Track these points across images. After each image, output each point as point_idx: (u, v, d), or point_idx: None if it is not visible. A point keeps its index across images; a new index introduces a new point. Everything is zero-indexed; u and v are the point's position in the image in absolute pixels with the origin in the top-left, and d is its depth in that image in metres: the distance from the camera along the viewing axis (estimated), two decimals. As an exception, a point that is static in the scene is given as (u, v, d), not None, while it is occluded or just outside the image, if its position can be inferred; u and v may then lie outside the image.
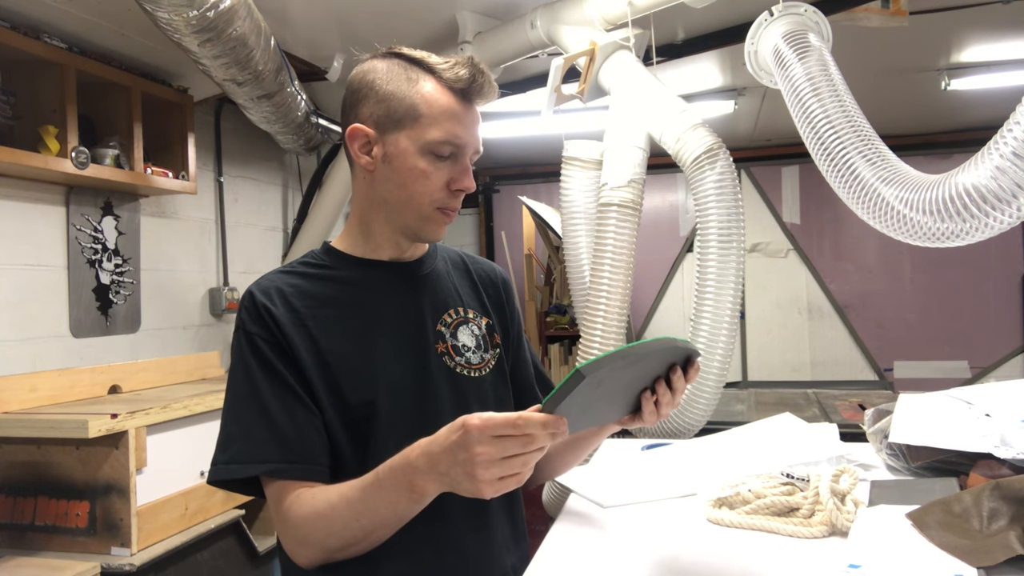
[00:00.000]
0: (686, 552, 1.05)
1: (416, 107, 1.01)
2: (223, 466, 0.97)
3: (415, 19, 2.45)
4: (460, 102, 1.03)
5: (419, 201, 1.04)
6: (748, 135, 4.18)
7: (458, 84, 1.02)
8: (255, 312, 1.01)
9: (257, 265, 3.40)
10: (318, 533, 0.93)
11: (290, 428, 0.96)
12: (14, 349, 2.24)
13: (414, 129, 1.02)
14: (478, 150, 1.06)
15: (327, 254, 1.10)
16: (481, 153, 1.08)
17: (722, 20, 2.41)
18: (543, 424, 0.79)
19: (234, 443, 0.97)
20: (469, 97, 1.04)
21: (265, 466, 0.96)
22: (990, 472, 1.17)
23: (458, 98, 1.03)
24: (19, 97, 2.18)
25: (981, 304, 4.27)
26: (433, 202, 1.04)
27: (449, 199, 1.05)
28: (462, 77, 1.02)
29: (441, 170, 1.03)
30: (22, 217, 2.29)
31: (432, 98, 1.02)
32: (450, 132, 1.01)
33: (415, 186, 1.03)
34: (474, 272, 1.20)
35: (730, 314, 1.85)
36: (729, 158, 1.84)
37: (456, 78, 1.02)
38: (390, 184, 1.04)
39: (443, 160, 1.03)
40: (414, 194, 1.03)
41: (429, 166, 1.02)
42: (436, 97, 1.02)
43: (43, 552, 1.91)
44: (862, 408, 2.30)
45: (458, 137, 1.02)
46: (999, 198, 1.25)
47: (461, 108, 1.03)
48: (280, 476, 0.96)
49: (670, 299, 4.67)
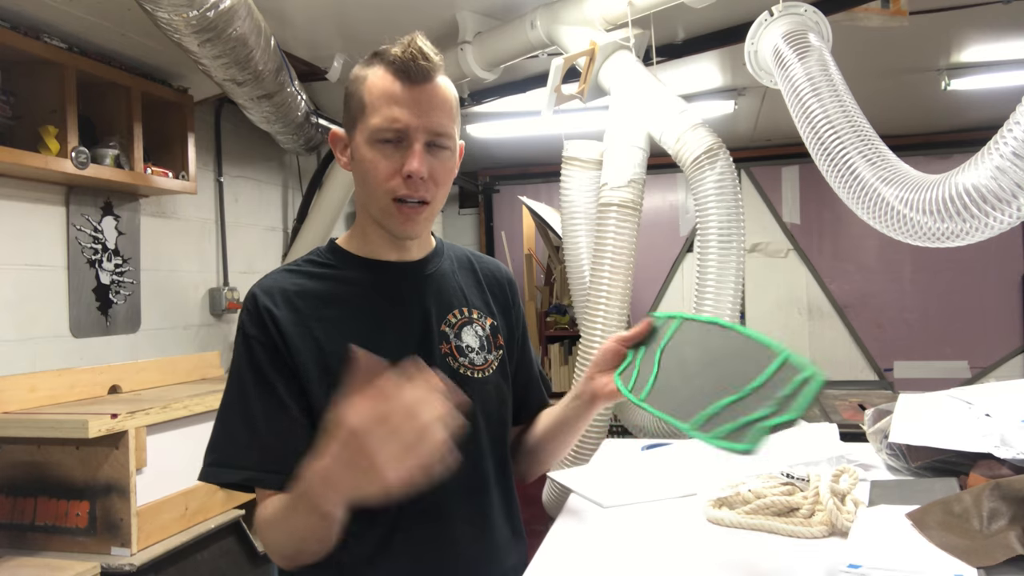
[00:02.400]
0: (686, 552, 1.05)
1: (362, 98, 1.00)
2: (207, 468, 0.99)
3: (415, 19, 2.45)
4: (401, 83, 0.98)
5: (374, 193, 1.01)
6: (748, 135, 4.18)
7: (394, 64, 0.98)
8: (256, 314, 1.00)
9: (257, 265, 3.40)
10: (271, 539, 0.95)
11: (271, 438, 0.96)
12: (14, 349, 2.24)
13: (363, 120, 1.00)
14: (435, 131, 1.00)
15: (332, 253, 1.10)
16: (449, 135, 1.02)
17: (722, 20, 2.41)
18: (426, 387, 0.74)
19: (219, 447, 0.99)
20: (409, 76, 0.98)
21: (244, 473, 0.97)
22: (990, 472, 1.17)
23: (398, 79, 0.98)
24: (19, 97, 2.18)
25: (981, 304, 4.27)
26: (387, 193, 1.00)
27: (403, 187, 0.99)
28: (396, 56, 0.98)
29: (389, 158, 0.99)
30: (22, 217, 2.29)
31: (373, 85, 0.99)
32: (387, 116, 0.98)
33: (368, 179, 1.01)
34: (480, 272, 1.19)
35: (730, 314, 1.85)
36: (729, 158, 1.84)
37: (392, 58, 0.99)
38: (358, 180, 1.04)
39: (389, 146, 0.99)
40: (369, 187, 1.01)
41: (376, 155, 0.99)
42: (375, 83, 0.99)
43: (43, 552, 1.91)
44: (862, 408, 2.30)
45: (396, 120, 0.97)
46: (999, 198, 1.25)
47: (401, 89, 0.98)
48: (258, 485, 0.97)
49: (670, 299, 4.67)
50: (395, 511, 1.00)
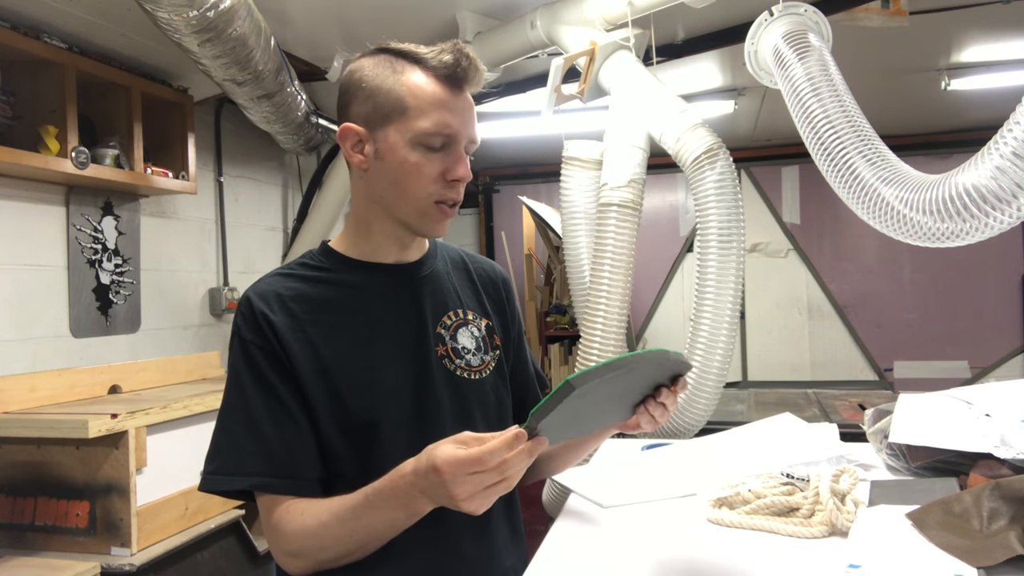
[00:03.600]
0: (686, 552, 1.05)
1: (403, 99, 0.99)
2: (210, 476, 0.97)
3: (415, 19, 2.45)
4: (448, 89, 0.99)
5: (415, 196, 1.01)
6: (748, 135, 4.18)
7: (443, 70, 0.99)
8: (252, 319, 0.99)
9: (257, 265, 3.40)
10: (309, 548, 0.93)
11: (277, 442, 0.96)
12: (14, 349, 2.24)
13: (403, 122, 0.99)
14: (473, 139, 1.03)
15: (325, 255, 1.09)
16: (478, 143, 1.05)
17: (722, 20, 2.41)
18: (510, 446, 0.79)
19: (221, 454, 0.97)
20: (457, 83, 1.00)
21: (250, 480, 0.96)
22: (990, 472, 1.17)
23: (445, 85, 0.99)
24: (19, 97, 2.18)
25: (981, 304, 4.27)
26: (429, 195, 1.01)
27: (446, 190, 1.01)
28: (447, 63, 0.99)
29: (434, 161, 1.00)
30: (22, 217, 2.29)
31: (418, 88, 0.99)
32: (439, 121, 0.98)
33: (409, 181, 1.00)
34: (474, 272, 1.19)
35: (730, 314, 1.85)
36: (729, 158, 1.84)
37: (440, 64, 0.99)
38: (384, 181, 1.02)
39: (435, 151, 1.00)
40: (409, 189, 1.01)
41: (421, 158, 0.99)
42: (422, 87, 0.99)
43: (43, 552, 1.91)
44: (862, 408, 2.30)
45: (448, 126, 0.99)
46: (999, 198, 1.25)
47: (449, 95, 0.99)
48: (266, 490, 0.96)
49: (670, 299, 4.67)
50: None
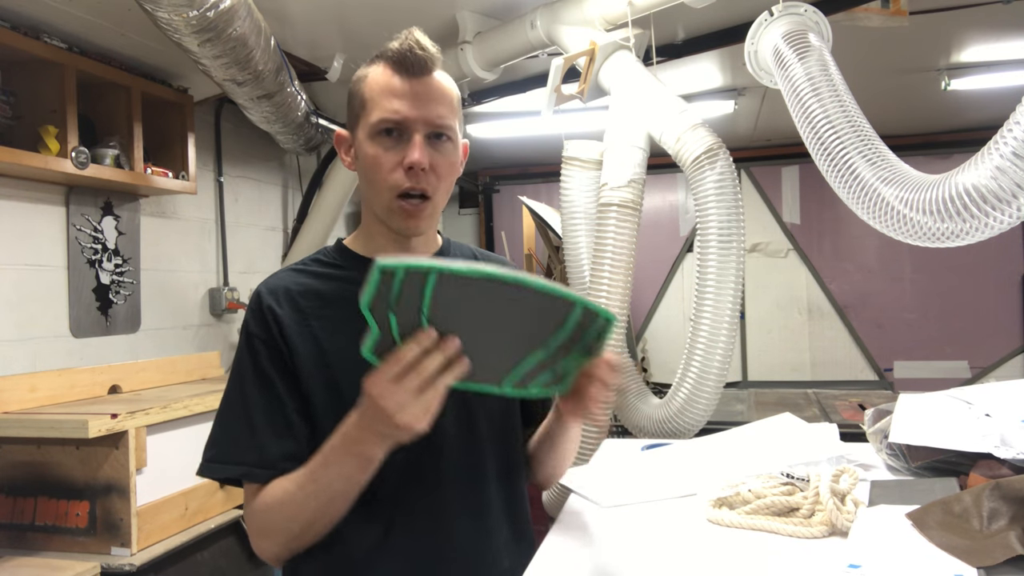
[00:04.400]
0: (686, 552, 1.05)
1: (363, 95, 1.01)
2: (206, 463, 1.00)
3: (415, 19, 2.42)
4: (399, 76, 0.99)
5: (378, 190, 1.01)
6: (748, 135, 4.18)
7: (393, 59, 1.00)
8: (259, 314, 1.02)
9: (257, 265, 3.40)
10: (278, 520, 0.95)
11: (269, 434, 0.97)
12: (14, 349, 2.24)
13: (364, 117, 1.01)
14: (432, 123, 1.00)
15: (339, 253, 1.11)
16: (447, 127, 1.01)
17: (722, 20, 2.41)
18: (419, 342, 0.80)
19: (218, 443, 1.01)
20: (407, 69, 0.99)
21: (238, 468, 0.98)
22: (990, 472, 1.17)
23: (397, 73, 0.99)
24: (19, 97, 2.18)
25: (981, 304, 4.27)
26: (390, 188, 1.00)
27: (405, 180, 0.99)
28: (395, 50, 0.99)
29: (390, 151, 0.99)
30: (22, 217, 2.29)
31: (372, 80, 1.01)
32: (387, 108, 0.98)
33: (372, 175, 1.01)
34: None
35: (730, 314, 1.85)
36: (729, 158, 1.84)
37: (391, 53, 1.00)
38: (362, 179, 1.05)
39: (390, 139, 0.99)
40: (373, 183, 1.02)
41: (378, 149, 0.99)
42: (375, 78, 1.01)
43: (43, 552, 1.91)
44: (862, 408, 2.30)
45: (396, 112, 0.98)
46: (999, 198, 1.25)
47: (399, 82, 0.99)
48: (251, 480, 0.99)
49: (670, 299, 4.67)
50: (393, 507, 1.00)
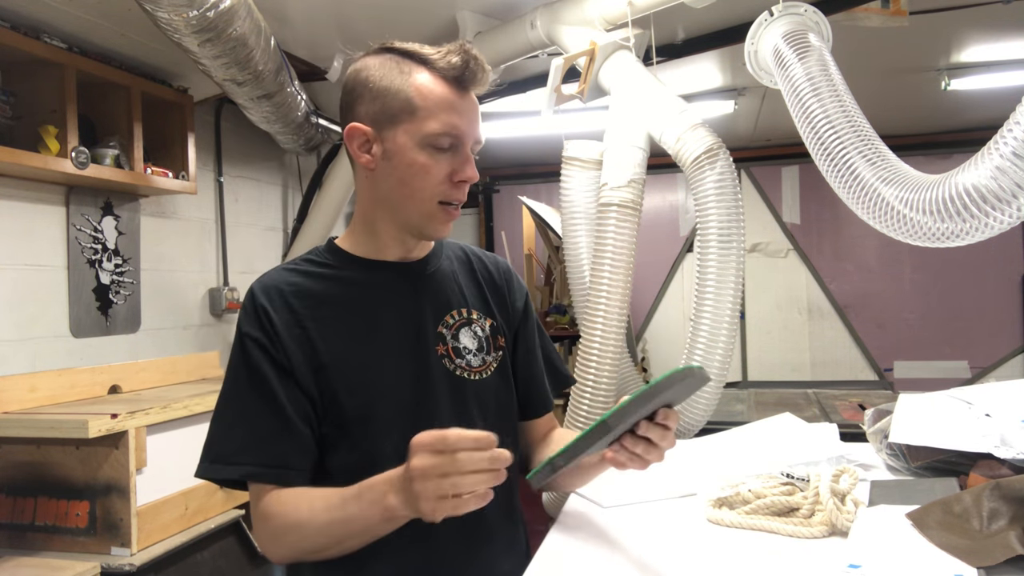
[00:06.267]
0: (686, 552, 1.05)
1: (411, 100, 1.00)
2: (205, 465, 1.00)
3: (415, 19, 2.44)
4: (455, 91, 1.01)
5: (421, 196, 1.02)
6: (748, 135, 4.18)
7: (451, 72, 1.00)
8: (253, 313, 1.01)
9: (257, 265, 3.40)
10: (292, 537, 0.95)
11: (267, 433, 0.97)
12: (14, 349, 2.24)
13: (411, 123, 1.00)
14: (479, 139, 1.04)
15: (331, 252, 1.10)
16: (482, 143, 1.06)
17: (722, 20, 2.41)
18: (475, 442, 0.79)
19: (216, 444, 1.00)
20: (464, 85, 1.01)
21: (240, 469, 0.98)
22: (990, 472, 1.17)
23: (453, 87, 1.01)
24: (19, 97, 2.18)
25: (981, 304, 4.27)
26: (435, 196, 1.02)
27: (452, 191, 1.02)
28: (455, 64, 1.00)
29: (441, 162, 1.01)
30: (22, 217, 2.29)
31: (426, 89, 1.00)
32: (447, 123, 0.99)
33: (416, 181, 1.01)
34: (478, 270, 1.18)
35: (730, 314, 1.84)
36: (729, 158, 1.84)
37: (449, 66, 1.00)
38: (391, 181, 1.03)
39: (443, 152, 1.01)
40: (416, 190, 1.02)
41: (429, 159, 1.00)
42: (430, 88, 1.00)
43: (43, 552, 1.91)
44: (862, 408, 2.30)
45: (456, 127, 1.00)
46: (999, 198, 1.25)
47: (457, 97, 1.01)
48: (255, 480, 0.98)
49: (670, 299, 4.67)
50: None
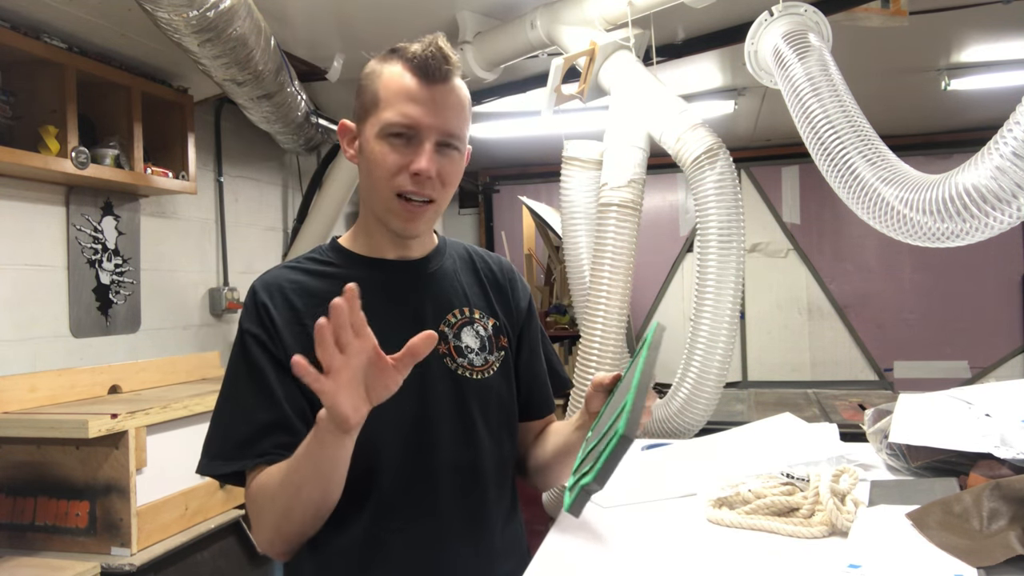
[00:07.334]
0: (686, 552, 1.05)
1: (377, 92, 1.01)
2: (206, 461, 1.01)
3: (415, 19, 2.44)
4: (419, 81, 0.99)
5: (379, 187, 1.02)
6: (748, 135, 4.18)
7: (413, 61, 0.99)
8: (254, 310, 1.02)
9: (257, 265, 3.39)
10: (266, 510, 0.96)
11: (265, 427, 0.98)
12: (14, 349, 2.24)
13: (376, 115, 1.01)
14: (447, 132, 1.01)
15: (333, 251, 1.10)
16: (462, 138, 1.04)
17: (722, 20, 2.41)
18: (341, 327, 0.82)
19: (216, 441, 1.01)
20: (427, 75, 0.99)
21: (239, 463, 0.98)
22: (990, 472, 1.17)
23: (417, 77, 0.99)
24: (19, 97, 2.18)
25: (981, 304, 4.27)
26: (391, 188, 1.01)
27: (407, 184, 1.00)
28: (416, 54, 0.99)
29: (397, 153, 1.00)
30: (22, 217, 2.29)
31: (389, 80, 1.00)
32: (402, 112, 0.99)
33: (375, 172, 1.01)
34: (481, 270, 1.18)
35: (730, 314, 1.84)
36: (729, 158, 1.84)
37: (411, 55, 0.99)
38: (363, 174, 1.05)
39: (399, 140, 1.00)
40: (375, 181, 1.02)
41: (385, 149, 1.00)
42: (393, 79, 1.00)
43: (43, 552, 1.91)
44: (862, 408, 2.30)
45: (410, 116, 0.99)
46: (999, 198, 1.25)
47: (418, 87, 0.99)
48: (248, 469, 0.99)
49: (670, 299, 4.67)
50: (389, 506, 1.00)
